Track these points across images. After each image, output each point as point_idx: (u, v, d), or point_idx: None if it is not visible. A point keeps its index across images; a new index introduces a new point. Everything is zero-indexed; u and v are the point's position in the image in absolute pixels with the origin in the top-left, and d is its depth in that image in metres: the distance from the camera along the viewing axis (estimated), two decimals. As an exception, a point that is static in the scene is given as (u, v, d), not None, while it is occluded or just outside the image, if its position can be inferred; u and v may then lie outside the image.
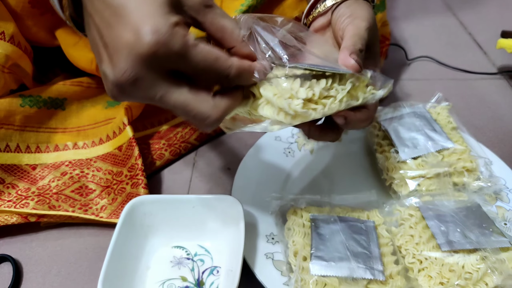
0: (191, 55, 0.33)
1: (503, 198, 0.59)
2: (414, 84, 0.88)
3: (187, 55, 0.33)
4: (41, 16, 0.66)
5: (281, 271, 0.51)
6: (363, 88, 0.46)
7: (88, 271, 0.56)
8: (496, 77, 0.89)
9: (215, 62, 0.34)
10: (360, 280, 0.46)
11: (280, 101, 0.38)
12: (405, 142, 0.61)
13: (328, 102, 0.41)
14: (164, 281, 0.52)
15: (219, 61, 0.34)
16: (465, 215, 0.52)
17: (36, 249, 0.58)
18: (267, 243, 0.54)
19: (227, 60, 0.35)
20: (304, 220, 0.52)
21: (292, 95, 0.39)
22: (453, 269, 0.47)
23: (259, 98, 0.40)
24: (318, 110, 0.40)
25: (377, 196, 0.57)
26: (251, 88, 0.40)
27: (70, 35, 0.68)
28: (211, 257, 0.55)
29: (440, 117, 0.65)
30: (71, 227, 0.61)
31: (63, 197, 0.60)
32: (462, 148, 0.59)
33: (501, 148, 0.71)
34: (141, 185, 0.61)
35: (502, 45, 0.84)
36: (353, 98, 0.45)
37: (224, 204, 0.54)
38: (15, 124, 0.64)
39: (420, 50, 0.98)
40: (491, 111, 0.80)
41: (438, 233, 0.50)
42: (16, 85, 0.66)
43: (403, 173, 0.58)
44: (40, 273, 0.55)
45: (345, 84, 0.43)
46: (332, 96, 0.42)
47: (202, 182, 0.67)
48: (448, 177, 0.57)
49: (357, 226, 0.51)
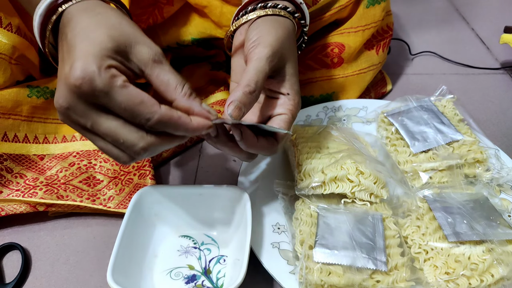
0: (115, 94, 0.36)
1: (507, 191, 0.59)
2: (417, 78, 0.89)
3: (111, 94, 0.36)
4: None
5: (287, 260, 0.51)
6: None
7: (96, 260, 0.56)
8: (499, 72, 0.90)
9: (138, 105, 0.37)
10: (364, 269, 0.46)
11: None
12: (415, 135, 0.62)
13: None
14: (171, 269, 0.53)
15: (143, 105, 0.37)
16: (472, 207, 0.52)
17: (44, 237, 0.59)
18: (273, 232, 0.54)
19: (153, 106, 0.37)
20: (312, 211, 0.52)
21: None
22: (459, 260, 0.48)
23: None
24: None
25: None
26: None
27: None
28: (218, 246, 0.55)
29: (447, 109, 0.65)
30: (79, 216, 0.61)
31: (71, 187, 0.61)
32: (471, 139, 0.60)
33: (504, 142, 0.72)
34: (149, 176, 0.61)
35: (506, 40, 0.85)
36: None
37: (230, 194, 0.55)
38: (22, 114, 0.64)
39: (424, 45, 0.98)
40: (494, 106, 0.81)
41: (445, 224, 0.51)
42: (23, 77, 0.67)
43: (416, 166, 0.59)
44: (48, 261, 0.56)
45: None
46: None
47: (208, 173, 0.67)
48: (460, 169, 0.57)
49: (364, 217, 0.51)
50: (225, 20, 0.66)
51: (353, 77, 0.75)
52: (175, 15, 0.69)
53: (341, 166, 0.53)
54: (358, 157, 0.55)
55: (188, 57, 0.81)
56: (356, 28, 0.71)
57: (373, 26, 0.71)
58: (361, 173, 0.53)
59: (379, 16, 0.70)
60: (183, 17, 0.69)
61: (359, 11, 0.70)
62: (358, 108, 0.74)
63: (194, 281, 0.52)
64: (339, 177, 0.53)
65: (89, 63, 0.35)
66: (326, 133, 0.61)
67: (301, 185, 0.53)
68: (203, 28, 0.69)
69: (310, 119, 0.71)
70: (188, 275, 0.52)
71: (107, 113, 0.37)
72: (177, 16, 0.69)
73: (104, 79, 0.35)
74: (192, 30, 0.70)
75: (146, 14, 0.65)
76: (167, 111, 0.38)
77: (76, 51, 0.36)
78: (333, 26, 0.73)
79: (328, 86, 0.75)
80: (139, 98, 0.37)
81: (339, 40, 0.72)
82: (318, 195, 0.54)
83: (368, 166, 0.53)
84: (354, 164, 0.53)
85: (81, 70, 0.35)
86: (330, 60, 0.73)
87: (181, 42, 0.71)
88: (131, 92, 0.37)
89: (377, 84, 0.83)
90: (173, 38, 0.70)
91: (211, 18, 0.67)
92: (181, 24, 0.70)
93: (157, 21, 0.67)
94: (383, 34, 0.76)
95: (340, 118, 0.72)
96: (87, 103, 0.36)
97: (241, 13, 0.52)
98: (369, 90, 0.80)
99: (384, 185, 0.54)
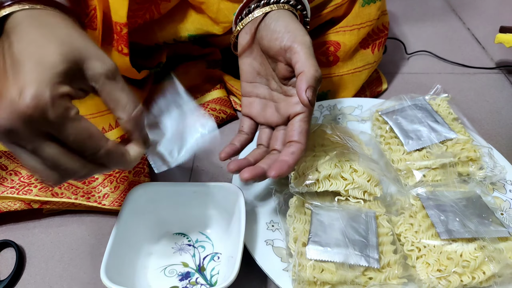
0: (66, 126, 0.35)
1: (500, 189, 0.60)
2: (413, 77, 0.89)
3: (62, 126, 0.35)
4: None
5: (281, 257, 0.51)
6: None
7: (90, 257, 0.56)
8: (494, 72, 0.90)
9: (87, 139, 0.37)
10: (356, 267, 0.47)
11: None
12: (409, 134, 0.62)
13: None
14: (165, 266, 0.53)
15: (92, 139, 0.37)
16: (465, 205, 0.53)
17: (39, 235, 0.59)
18: (267, 230, 0.55)
19: (101, 141, 0.38)
20: (306, 208, 0.53)
21: None
22: (451, 257, 0.48)
23: None
24: None
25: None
26: None
27: None
28: (212, 244, 0.56)
29: (441, 108, 0.66)
30: (74, 214, 0.61)
31: (66, 185, 0.61)
32: (465, 138, 0.60)
33: (499, 140, 0.72)
34: (143, 173, 0.62)
35: (501, 40, 0.85)
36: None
37: (225, 192, 0.55)
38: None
39: (419, 44, 0.99)
40: (489, 105, 0.81)
41: (437, 222, 0.51)
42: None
43: (409, 164, 0.59)
44: (43, 259, 0.56)
45: None
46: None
47: (203, 171, 0.68)
48: (453, 167, 0.58)
49: (357, 215, 0.52)
50: (222, 16, 0.66)
51: (348, 76, 0.75)
52: (172, 11, 0.69)
53: (335, 164, 0.54)
54: (352, 155, 0.55)
55: (184, 55, 0.81)
56: (351, 26, 0.71)
57: (369, 25, 0.71)
58: (354, 171, 0.53)
59: (374, 15, 0.71)
60: (180, 13, 0.69)
61: (354, 9, 0.70)
62: (353, 106, 0.74)
63: (188, 278, 0.52)
64: (333, 175, 0.53)
65: (42, 92, 0.34)
66: (321, 131, 0.61)
67: (295, 183, 0.53)
68: (200, 24, 0.69)
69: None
70: (182, 273, 0.53)
71: (51, 140, 0.36)
72: (174, 12, 0.69)
73: (57, 111, 0.34)
74: (189, 27, 0.70)
75: (142, 10, 0.65)
76: (113, 147, 0.39)
77: (25, 72, 0.34)
78: (329, 25, 0.73)
79: (324, 85, 0.75)
80: (89, 132, 0.37)
81: (335, 39, 0.72)
82: (312, 192, 0.54)
83: (362, 164, 0.54)
84: (348, 162, 0.54)
85: (33, 98, 0.33)
86: (326, 58, 0.74)
87: (178, 38, 0.71)
88: (82, 125, 0.36)
89: (373, 83, 0.83)
90: (170, 34, 0.70)
91: (208, 14, 0.67)
92: (178, 21, 0.70)
93: (153, 17, 0.67)
94: (378, 33, 0.76)
95: (335, 116, 0.72)
96: (33, 129, 0.35)
97: (244, 11, 0.52)
98: (365, 89, 0.81)
99: (378, 183, 0.54)
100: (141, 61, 0.75)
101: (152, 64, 0.74)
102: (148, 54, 0.77)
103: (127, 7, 0.58)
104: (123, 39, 0.61)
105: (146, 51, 0.77)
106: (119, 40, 0.61)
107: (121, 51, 0.62)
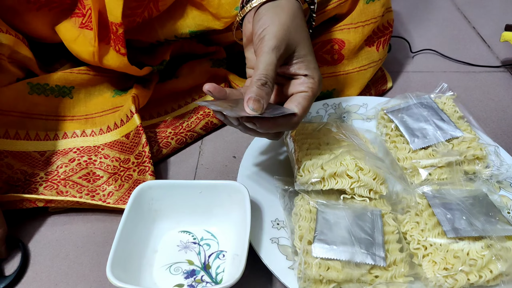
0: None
1: (507, 187, 0.59)
2: (418, 76, 0.89)
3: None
4: (37, 11, 0.65)
5: (286, 255, 0.51)
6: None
7: (95, 255, 0.56)
8: (499, 70, 0.90)
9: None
10: (362, 265, 0.46)
11: None
12: (415, 132, 0.62)
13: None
14: (171, 264, 0.53)
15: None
16: (471, 203, 0.52)
17: (44, 233, 0.59)
18: (272, 228, 0.55)
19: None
20: (311, 206, 0.52)
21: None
22: (457, 256, 0.48)
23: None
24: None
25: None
26: None
27: (69, 31, 0.68)
28: (217, 242, 0.56)
29: (447, 106, 0.65)
30: (79, 212, 0.61)
31: (71, 183, 0.61)
32: (471, 136, 0.60)
33: (504, 139, 0.72)
34: (148, 172, 0.61)
35: (506, 38, 0.85)
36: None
37: (230, 190, 0.55)
38: (23, 111, 0.64)
39: (424, 43, 0.98)
40: (494, 103, 0.81)
41: (444, 220, 0.51)
42: (22, 74, 0.67)
43: (415, 163, 0.59)
44: (48, 257, 0.56)
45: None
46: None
47: (208, 170, 0.68)
48: (459, 165, 0.57)
49: (363, 213, 0.51)
50: (223, 11, 0.66)
51: (353, 74, 0.75)
52: (171, 8, 0.68)
53: (341, 162, 0.53)
54: (358, 153, 0.55)
55: (188, 54, 0.81)
56: (356, 24, 0.71)
57: (373, 22, 0.71)
58: (360, 169, 0.53)
59: (379, 12, 0.70)
60: (179, 10, 0.69)
61: (358, 6, 0.70)
62: (358, 105, 0.74)
63: (193, 276, 0.52)
64: (338, 173, 0.53)
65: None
66: (326, 129, 0.61)
67: (301, 181, 0.53)
68: (201, 20, 0.69)
69: (310, 116, 0.71)
70: (188, 270, 0.53)
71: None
72: (174, 9, 0.69)
73: None
74: (190, 23, 0.70)
75: (141, 8, 0.65)
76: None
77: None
78: (333, 22, 0.73)
79: (329, 83, 0.75)
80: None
81: (339, 37, 0.72)
82: (318, 191, 0.54)
83: (368, 162, 0.53)
84: (353, 160, 0.54)
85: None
86: (331, 57, 0.73)
87: (179, 35, 0.71)
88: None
89: (378, 81, 0.83)
90: (170, 31, 0.70)
91: (209, 9, 0.67)
92: (178, 17, 0.69)
93: (152, 14, 0.67)
94: (383, 31, 0.76)
95: (340, 115, 0.72)
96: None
97: (244, 0, 0.52)
98: (370, 87, 0.80)
99: (384, 181, 0.54)
100: (144, 59, 0.75)
101: (155, 62, 0.74)
102: (151, 52, 0.77)
103: (122, 7, 0.58)
104: (119, 39, 0.61)
105: (149, 49, 0.77)
106: (116, 40, 0.61)
107: (119, 51, 0.62)
